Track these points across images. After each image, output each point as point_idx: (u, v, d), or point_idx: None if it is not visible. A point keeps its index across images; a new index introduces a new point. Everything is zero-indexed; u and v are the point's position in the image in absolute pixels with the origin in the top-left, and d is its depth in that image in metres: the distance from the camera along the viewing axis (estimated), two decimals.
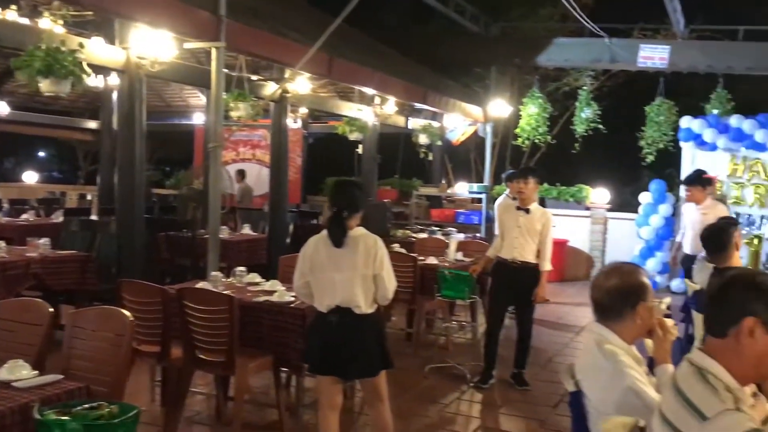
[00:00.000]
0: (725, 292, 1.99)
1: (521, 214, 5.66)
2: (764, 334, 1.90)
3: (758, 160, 10.41)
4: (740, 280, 2.01)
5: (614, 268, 2.73)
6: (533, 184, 5.67)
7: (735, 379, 1.91)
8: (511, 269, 5.62)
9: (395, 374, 5.92)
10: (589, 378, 2.58)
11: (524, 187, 5.65)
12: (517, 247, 5.61)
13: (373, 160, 10.28)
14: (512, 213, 5.73)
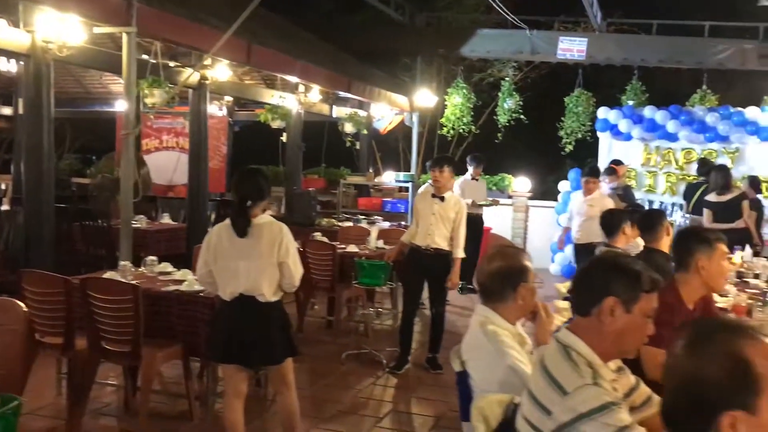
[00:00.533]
0: (588, 274, 2.11)
1: (436, 202, 5.78)
2: (624, 313, 2.01)
3: (670, 150, 10.84)
4: (602, 262, 2.13)
5: (497, 252, 2.83)
6: (448, 173, 5.79)
7: (598, 356, 2.02)
8: (425, 256, 5.73)
9: (312, 362, 6.00)
10: (473, 358, 2.68)
11: (439, 175, 5.76)
12: (431, 234, 5.72)
13: (298, 149, 10.24)
14: (428, 201, 5.85)
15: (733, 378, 1.34)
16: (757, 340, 1.39)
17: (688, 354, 1.40)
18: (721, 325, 1.46)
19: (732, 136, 10.36)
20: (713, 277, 3.26)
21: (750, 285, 5.62)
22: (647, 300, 2.03)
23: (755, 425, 1.32)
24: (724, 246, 3.31)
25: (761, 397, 1.32)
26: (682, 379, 1.39)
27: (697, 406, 1.36)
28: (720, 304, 4.77)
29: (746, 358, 1.34)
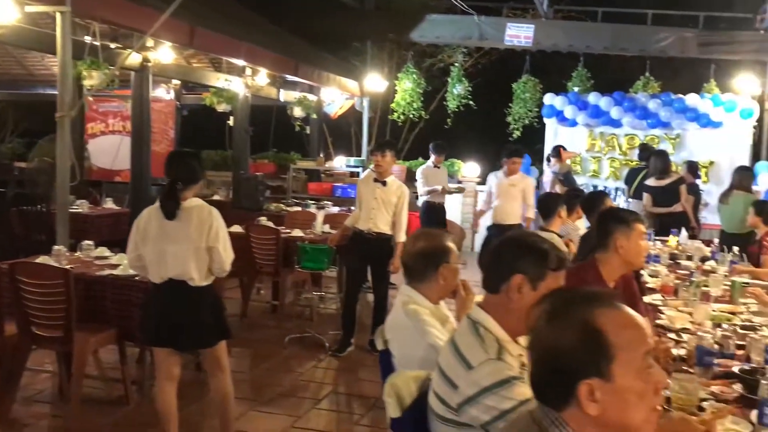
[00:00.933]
0: (498, 252, 2.16)
1: (378, 187, 5.83)
2: (531, 290, 2.07)
3: (614, 136, 11.08)
4: (511, 241, 2.18)
5: (421, 233, 2.88)
6: (390, 158, 5.84)
7: (506, 332, 2.08)
8: (367, 240, 5.78)
9: (255, 346, 6.00)
10: (395, 337, 2.73)
11: (381, 160, 5.81)
12: (373, 218, 5.78)
13: (245, 133, 10.13)
14: (370, 185, 5.88)
15: (586, 347, 1.36)
16: (611, 308, 1.41)
17: (545, 325, 1.42)
18: (576, 295, 1.48)
19: (673, 123, 10.64)
20: (632, 255, 3.37)
21: (681, 266, 5.81)
22: (554, 278, 2.09)
23: (611, 391, 1.35)
24: (642, 226, 3.43)
25: (615, 364, 1.35)
26: (542, 350, 1.43)
27: (557, 375, 1.39)
28: (649, 285, 4.94)
29: (599, 327, 1.37)
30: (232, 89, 9.67)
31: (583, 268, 3.52)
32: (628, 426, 1.38)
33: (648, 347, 1.40)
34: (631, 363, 1.37)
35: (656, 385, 1.40)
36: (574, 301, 1.44)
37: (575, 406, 1.38)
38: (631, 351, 1.37)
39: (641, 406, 1.38)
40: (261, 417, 4.47)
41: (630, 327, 1.40)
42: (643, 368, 1.38)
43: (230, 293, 7.27)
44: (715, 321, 3.79)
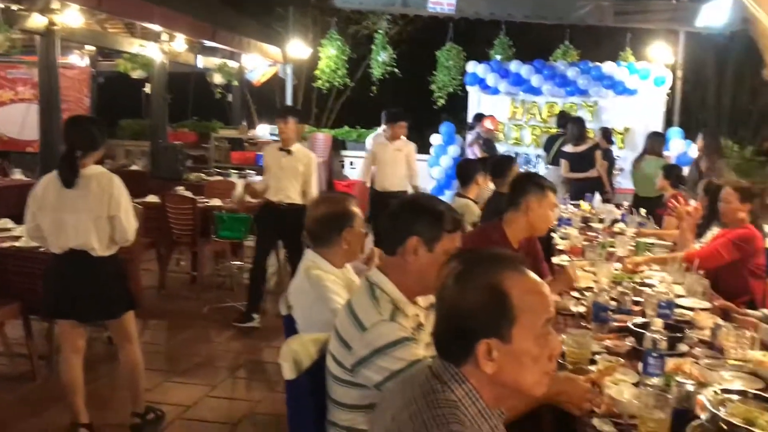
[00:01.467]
0: (394, 215, 2.16)
1: (284, 155, 5.63)
2: (426, 252, 2.08)
3: (535, 104, 11.27)
4: (407, 204, 2.18)
5: (323, 198, 2.87)
6: (293, 125, 5.64)
7: (402, 293, 2.10)
8: (279, 211, 5.62)
9: (173, 317, 5.90)
10: (298, 302, 2.72)
11: (284, 127, 5.62)
12: (283, 189, 5.61)
13: (163, 101, 9.83)
14: (275, 154, 5.70)
15: (490, 308, 1.40)
16: (518, 273, 1.44)
17: (453, 284, 1.45)
18: (486, 257, 1.51)
19: (591, 90, 10.89)
20: (538, 220, 3.46)
21: (592, 229, 6.00)
22: (449, 239, 2.10)
23: (508, 352, 1.40)
24: (554, 197, 3.53)
25: (515, 327, 1.39)
26: (448, 308, 1.45)
27: (459, 333, 1.42)
28: (560, 246, 5.08)
29: (504, 289, 1.40)
30: (148, 55, 9.34)
31: (489, 227, 3.59)
32: (520, 386, 1.44)
33: (549, 315, 1.44)
34: (530, 328, 1.41)
35: (551, 351, 1.45)
36: (483, 263, 1.47)
37: (473, 363, 1.42)
38: (532, 316, 1.41)
39: (535, 369, 1.43)
40: (175, 387, 4.40)
41: (534, 293, 1.44)
42: (542, 334, 1.42)
43: (148, 265, 7.12)
44: (616, 279, 3.94)
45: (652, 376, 2.27)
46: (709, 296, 3.64)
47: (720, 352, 2.67)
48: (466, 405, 1.40)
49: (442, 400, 1.39)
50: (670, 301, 3.07)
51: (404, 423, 1.38)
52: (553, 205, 3.52)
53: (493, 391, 1.43)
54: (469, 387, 1.42)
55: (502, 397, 1.46)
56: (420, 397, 1.41)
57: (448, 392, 1.41)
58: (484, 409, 1.42)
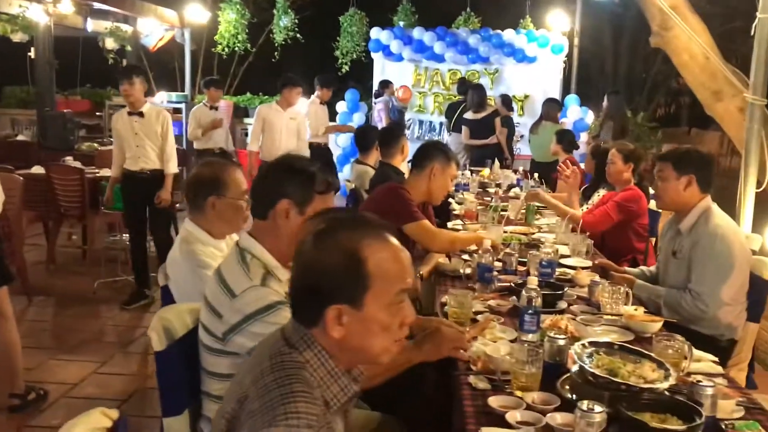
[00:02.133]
0: (264, 177, 2.09)
1: (135, 120, 5.25)
2: (298, 215, 2.03)
3: (438, 71, 11.33)
4: (277, 166, 2.12)
5: (203, 162, 2.76)
6: (140, 85, 5.21)
7: (275, 258, 2.04)
8: (141, 181, 5.27)
9: (61, 293, 5.63)
10: (173, 274, 2.62)
11: (130, 88, 5.17)
12: (142, 155, 5.26)
13: (49, 66, 9.26)
14: (125, 120, 5.29)
15: (345, 273, 1.35)
16: (380, 240, 1.40)
17: (312, 243, 1.39)
18: (349, 219, 1.46)
19: (492, 58, 11.03)
20: (437, 187, 3.53)
21: (489, 194, 6.12)
22: (321, 201, 2.06)
23: (358, 318, 1.36)
24: (456, 169, 3.59)
25: (368, 294, 1.36)
26: (303, 268, 1.41)
27: (312, 295, 1.38)
28: (456, 211, 5.15)
29: (361, 255, 1.36)
30: (30, 17, 8.75)
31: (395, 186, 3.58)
32: (368, 352, 1.41)
33: (404, 285, 1.41)
34: (383, 296, 1.37)
35: (403, 320, 1.42)
36: (345, 225, 1.42)
37: (323, 326, 1.37)
38: (386, 285, 1.37)
39: (383, 336, 1.40)
40: (61, 365, 4.21)
41: (392, 262, 1.39)
42: (394, 303, 1.39)
43: (36, 239, 6.77)
44: (506, 241, 4.02)
45: (528, 332, 2.32)
46: (592, 256, 3.77)
47: (597, 308, 2.78)
48: (315, 366, 1.37)
49: (287, 362, 1.35)
50: (552, 261, 3.15)
51: (247, 387, 1.34)
52: (453, 177, 3.59)
53: (343, 353, 1.40)
54: (318, 349, 1.39)
55: (354, 359, 1.44)
56: (266, 360, 1.37)
57: (296, 354, 1.37)
58: (333, 369, 1.39)
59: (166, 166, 5.33)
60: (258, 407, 1.27)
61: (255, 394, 1.31)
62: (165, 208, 5.37)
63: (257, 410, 1.27)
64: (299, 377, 1.32)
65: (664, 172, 3.09)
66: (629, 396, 1.80)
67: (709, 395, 1.80)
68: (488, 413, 1.89)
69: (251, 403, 1.30)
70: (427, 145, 3.70)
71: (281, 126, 6.96)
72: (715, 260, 2.92)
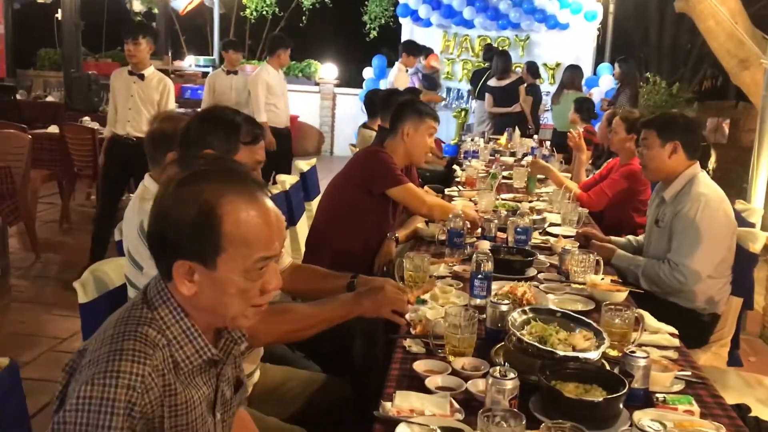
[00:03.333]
0: (187, 128, 2.04)
1: (135, 81, 4.94)
2: None
3: (467, 37, 11.09)
4: (200, 116, 2.07)
5: (163, 114, 2.72)
6: (145, 45, 4.89)
7: None
8: (126, 147, 4.92)
9: (71, 249, 5.72)
10: (126, 229, 2.58)
11: (134, 48, 4.86)
12: (132, 120, 4.94)
13: (75, 28, 9.33)
14: (124, 79, 4.98)
15: (196, 228, 1.23)
16: (246, 199, 1.26)
17: (172, 187, 1.26)
18: (220, 168, 1.31)
19: (523, 24, 10.73)
20: (415, 147, 3.36)
21: (500, 161, 5.97)
22: (248, 151, 1.99)
23: (211, 279, 1.26)
24: (434, 123, 3.41)
25: (221, 257, 1.24)
26: (158, 213, 1.28)
27: (162, 244, 1.27)
28: (458, 178, 5.04)
29: (218, 213, 1.23)
30: None
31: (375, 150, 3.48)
32: (221, 314, 1.31)
33: (268, 253, 1.28)
34: (239, 261, 1.25)
35: (265, 285, 1.30)
36: (210, 176, 1.27)
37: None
38: (243, 249, 1.25)
39: (240, 300, 1.28)
40: (56, 320, 4.26)
41: (255, 225, 1.26)
42: (254, 269, 1.27)
43: (53, 198, 6.89)
44: (495, 208, 3.92)
45: (477, 297, 2.24)
46: (582, 225, 3.64)
47: (566, 277, 2.67)
48: (168, 323, 1.28)
49: (132, 318, 1.27)
50: (527, 227, 3.04)
51: (90, 344, 1.28)
52: (431, 132, 3.41)
53: (197, 312, 1.31)
54: (174, 305, 1.30)
55: (210, 320, 1.33)
56: (118, 313, 1.31)
57: (146, 310, 1.28)
58: (189, 328, 1.30)
59: None
60: (86, 362, 1.21)
61: (91, 347, 1.25)
62: None
63: (85, 365, 1.21)
64: (137, 334, 1.23)
65: (649, 139, 2.94)
66: (555, 364, 1.71)
67: (641, 366, 1.70)
68: (412, 377, 1.82)
69: (86, 356, 1.24)
70: (397, 107, 3.49)
71: (279, 90, 6.61)
72: (695, 230, 2.77)
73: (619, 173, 4.14)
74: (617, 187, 4.10)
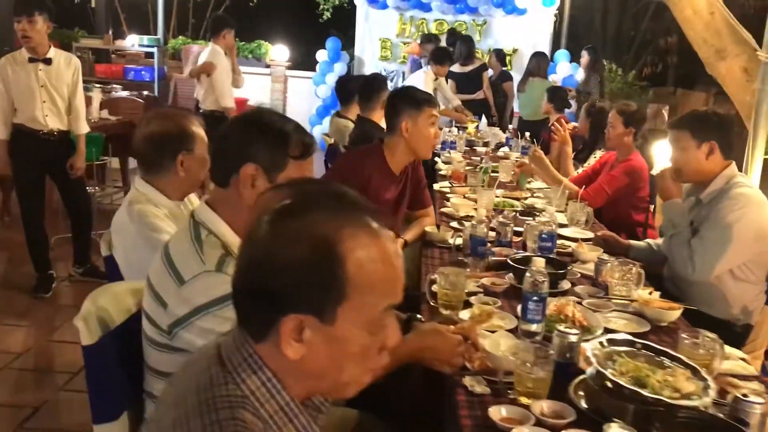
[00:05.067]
0: (226, 136, 1.71)
1: (40, 68, 4.24)
2: (267, 183, 1.66)
3: (423, 20, 10.80)
4: (242, 121, 1.74)
5: (156, 114, 2.37)
6: (42, 24, 4.15)
7: (237, 234, 1.68)
8: (45, 143, 4.34)
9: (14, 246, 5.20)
10: (119, 242, 2.25)
11: (30, 28, 4.13)
12: (49, 114, 4.31)
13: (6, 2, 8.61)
14: (24, 68, 4.23)
15: (313, 273, 0.97)
16: (367, 230, 1.00)
17: (269, 225, 1.00)
18: (325, 193, 1.05)
19: (480, 8, 10.53)
20: (417, 140, 3.08)
21: (476, 153, 5.76)
22: (297, 167, 1.68)
23: (327, 336, 0.99)
24: (434, 110, 3.13)
25: (343, 305, 0.98)
26: (255, 254, 1.01)
27: (263, 297, 1.00)
28: (442, 171, 4.79)
29: (339, 250, 0.97)
30: None
31: (367, 151, 3.20)
32: (332, 381, 1.04)
33: (394, 300, 1.02)
34: (363, 311, 0.99)
35: (385, 341, 1.04)
36: (319, 204, 1.01)
37: (275, 341, 1.00)
38: (369, 296, 0.99)
39: (359, 361, 1.02)
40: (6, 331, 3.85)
41: (381, 263, 1.00)
42: (378, 321, 1.01)
43: None
44: (498, 207, 3.70)
45: (532, 323, 2.00)
46: (591, 226, 3.46)
47: (604, 290, 2.46)
48: (261, 400, 1.00)
49: (219, 399, 0.98)
50: (552, 233, 2.82)
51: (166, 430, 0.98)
52: (432, 121, 3.12)
53: (299, 380, 1.03)
54: (268, 376, 1.02)
55: (313, 388, 1.06)
56: (193, 394, 1.00)
57: (233, 386, 1.00)
58: (287, 404, 1.02)
59: (76, 126, 4.44)
60: None
61: None
62: (79, 177, 4.54)
63: None
64: (237, 424, 0.95)
65: (682, 141, 2.75)
66: (662, 413, 1.48)
67: (757, 414, 1.49)
68: (489, 427, 1.57)
69: None
70: (390, 99, 3.20)
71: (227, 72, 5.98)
72: (726, 228, 2.62)
73: (618, 169, 3.97)
74: (617, 184, 3.93)
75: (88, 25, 11.81)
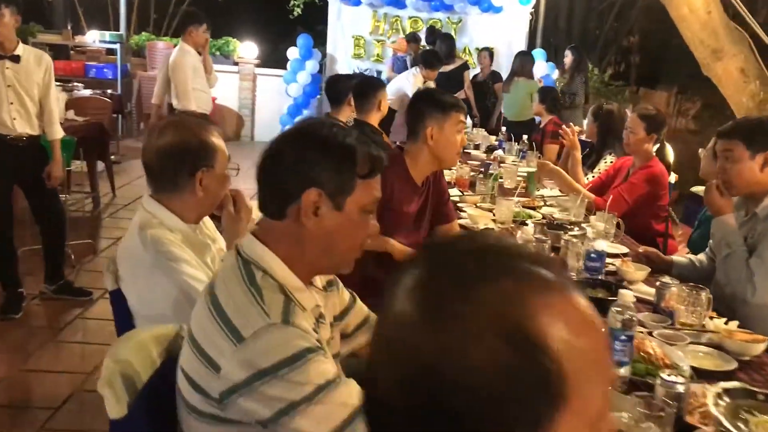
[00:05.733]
0: (278, 155, 1.41)
1: (8, 66, 3.85)
2: (333, 210, 1.36)
3: (398, 18, 10.54)
4: (296, 137, 1.44)
5: (171, 122, 2.04)
6: (9, 17, 3.81)
7: (296, 275, 1.38)
8: (10, 147, 3.92)
9: None
10: (128, 274, 1.92)
11: None
12: (18, 117, 3.91)
13: None
14: None
15: (516, 382, 0.63)
16: (559, 298, 0.67)
17: (421, 320, 0.66)
18: (501, 253, 0.71)
19: (456, 6, 10.31)
20: (443, 148, 2.82)
21: (471, 156, 5.53)
22: (365, 189, 1.39)
23: None
24: (461, 115, 2.86)
25: (562, 413, 0.63)
26: (414, 360, 0.65)
27: (437, 417, 0.64)
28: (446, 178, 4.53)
29: (545, 344, 0.63)
30: None
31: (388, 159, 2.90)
32: None
33: (612, 375, 0.76)
34: (584, 416, 0.65)
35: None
36: (500, 269, 0.67)
37: None
38: (590, 387, 0.66)
39: None
40: None
41: (595, 345, 0.67)
42: (602, 414, 0.68)
43: None
44: (517, 219, 3.46)
45: (620, 366, 1.75)
46: (621, 239, 3.24)
47: (669, 317, 2.22)
48: None
49: None
50: (602, 252, 2.58)
51: None
52: (459, 128, 2.85)
53: None
54: None
55: None
56: None
57: None
58: None
59: (50, 130, 4.08)
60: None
61: None
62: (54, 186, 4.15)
63: None
64: None
65: (735, 152, 2.52)
66: None
67: None
68: None
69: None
70: (414, 102, 2.94)
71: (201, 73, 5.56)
72: None
73: (639, 177, 3.75)
74: (638, 192, 3.72)
75: (44, 19, 11.21)
